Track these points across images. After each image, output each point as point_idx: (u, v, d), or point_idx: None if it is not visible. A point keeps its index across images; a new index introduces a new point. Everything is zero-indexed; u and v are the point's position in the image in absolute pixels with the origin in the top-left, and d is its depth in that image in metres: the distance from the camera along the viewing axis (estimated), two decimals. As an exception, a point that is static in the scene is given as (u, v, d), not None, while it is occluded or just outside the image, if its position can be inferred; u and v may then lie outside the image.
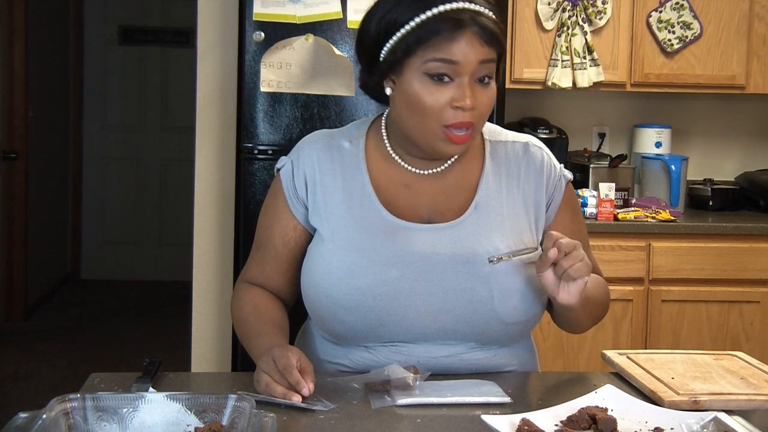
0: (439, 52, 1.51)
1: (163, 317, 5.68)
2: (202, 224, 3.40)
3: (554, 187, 1.69)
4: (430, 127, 1.54)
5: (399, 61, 1.54)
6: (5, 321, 5.38)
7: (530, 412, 1.36)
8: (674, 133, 3.77)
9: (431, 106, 1.52)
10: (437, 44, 1.50)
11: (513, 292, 1.59)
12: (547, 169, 1.69)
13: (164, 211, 6.69)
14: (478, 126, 1.56)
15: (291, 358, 1.44)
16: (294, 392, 1.42)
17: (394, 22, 1.54)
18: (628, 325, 3.29)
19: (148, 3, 6.59)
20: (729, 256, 3.30)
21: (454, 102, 1.52)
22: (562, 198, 1.70)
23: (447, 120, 1.53)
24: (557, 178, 1.70)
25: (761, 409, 1.45)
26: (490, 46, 1.53)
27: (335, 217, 1.63)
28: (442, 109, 1.52)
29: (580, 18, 3.44)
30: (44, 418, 1.18)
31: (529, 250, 1.61)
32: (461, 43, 1.50)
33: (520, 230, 1.64)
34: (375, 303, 1.57)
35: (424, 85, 1.52)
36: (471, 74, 1.52)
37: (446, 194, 1.64)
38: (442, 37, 1.50)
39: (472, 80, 1.52)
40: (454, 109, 1.52)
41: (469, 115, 1.52)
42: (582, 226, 1.76)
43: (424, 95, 1.52)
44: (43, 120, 5.79)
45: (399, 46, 1.54)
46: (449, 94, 1.52)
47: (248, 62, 2.96)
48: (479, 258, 1.58)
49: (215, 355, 3.42)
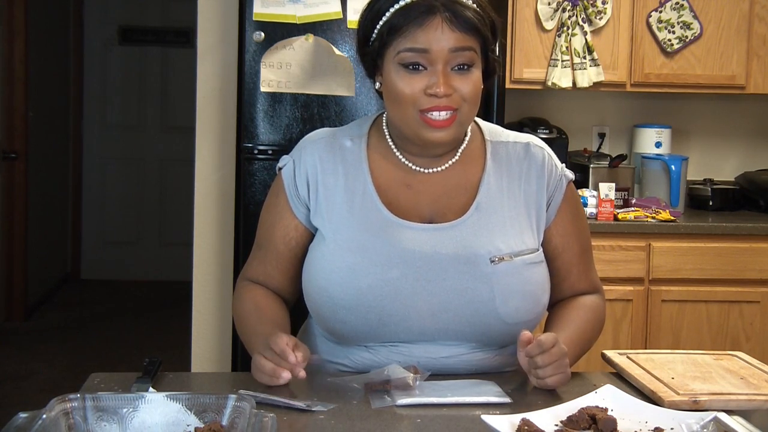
0: (410, 41, 1.54)
1: (163, 317, 5.68)
2: (202, 224, 3.40)
3: (555, 187, 1.69)
4: (410, 115, 1.57)
5: (379, 52, 1.58)
6: (5, 321, 5.38)
7: (530, 412, 1.36)
8: (674, 133, 3.76)
9: (407, 95, 1.55)
10: (408, 32, 1.54)
11: (514, 292, 1.58)
12: (549, 169, 1.68)
13: (164, 211, 6.69)
14: (462, 111, 1.57)
15: (283, 340, 1.47)
16: (283, 368, 1.46)
17: (376, 14, 1.58)
18: (628, 325, 3.29)
19: (148, 3, 6.59)
20: (729, 256, 3.30)
21: (427, 89, 1.54)
22: (562, 198, 1.69)
23: (422, 105, 1.55)
24: (558, 177, 1.69)
25: (761, 409, 1.45)
26: (464, 33, 1.54)
27: (337, 217, 1.63)
28: (417, 96, 1.55)
29: (580, 18, 3.44)
30: (44, 418, 1.18)
31: (530, 251, 1.61)
32: (429, 29, 1.53)
33: (522, 230, 1.64)
34: (376, 303, 1.57)
35: (399, 74, 1.56)
36: (444, 62, 1.54)
37: (448, 194, 1.64)
38: (412, 24, 1.53)
39: (446, 68, 1.54)
40: (428, 96, 1.54)
41: (445, 101, 1.54)
42: (583, 228, 1.74)
43: (400, 84, 1.55)
44: (43, 120, 5.79)
45: (377, 37, 1.58)
46: (424, 82, 1.54)
47: (248, 62, 2.96)
48: (480, 258, 1.58)
49: (215, 355, 3.42)
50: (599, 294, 1.75)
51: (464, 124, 1.61)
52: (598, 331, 1.73)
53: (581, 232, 1.72)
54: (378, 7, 1.58)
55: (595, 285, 1.74)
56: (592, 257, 1.75)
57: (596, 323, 1.71)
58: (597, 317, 1.72)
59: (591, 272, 1.74)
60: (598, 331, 1.72)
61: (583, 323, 1.67)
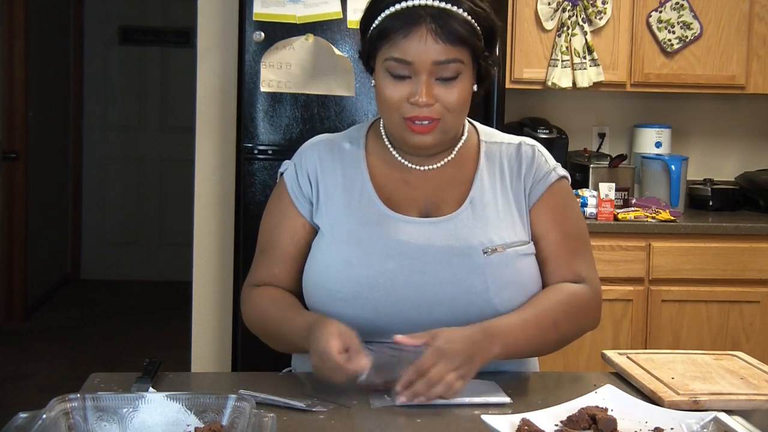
0: (395, 50, 1.56)
1: (163, 317, 5.68)
2: (202, 224, 3.40)
3: (541, 178, 1.69)
4: (394, 119, 1.61)
5: (371, 55, 1.63)
6: (5, 321, 5.38)
7: (530, 412, 1.36)
8: (674, 133, 3.76)
9: (393, 101, 1.59)
10: (394, 41, 1.56)
11: (507, 283, 1.60)
12: (537, 164, 1.71)
13: (164, 211, 6.69)
14: (445, 121, 1.59)
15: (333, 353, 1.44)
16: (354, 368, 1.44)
17: (371, 15, 1.62)
18: (628, 325, 3.29)
19: (148, 3, 6.59)
20: (729, 256, 3.30)
21: (410, 97, 1.57)
22: (546, 188, 1.69)
23: (405, 113, 1.59)
24: (546, 171, 1.70)
25: (761, 409, 1.44)
26: (450, 45, 1.55)
27: (335, 213, 1.66)
28: (401, 103, 1.58)
29: (580, 18, 3.44)
30: (44, 418, 1.18)
31: (522, 243, 1.64)
32: (413, 40, 1.55)
33: (513, 223, 1.66)
34: (372, 294, 1.58)
35: (386, 80, 1.59)
36: (428, 73, 1.56)
37: (443, 189, 1.68)
38: (398, 33, 1.56)
39: (430, 78, 1.56)
40: (410, 104, 1.57)
41: (426, 111, 1.57)
42: (566, 219, 1.70)
43: (386, 90, 1.59)
44: (43, 120, 5.79)
45: (368, 40, 1.62)
46: (407, 90, 1.57)
47: (248, 62, 2.96)
48: (474, 250, 1.61)
49: (215, 355, 3.42)
50: (585, 285, 1.68)
51: (448, 131, 1.63)
52: (577, 318, 1.66)
53: (564, 222, 1.69)
54: (373, 8, 1.62)
55: (579, 275, 1.68)
56: (582, 250, 1.70)
57: (571, 308, 1.64)
58: (574, 302, 1.65)
59: (575, 263, 1.68)
60: (575, 316, 1.65)
61: (546, 307, 1.62)
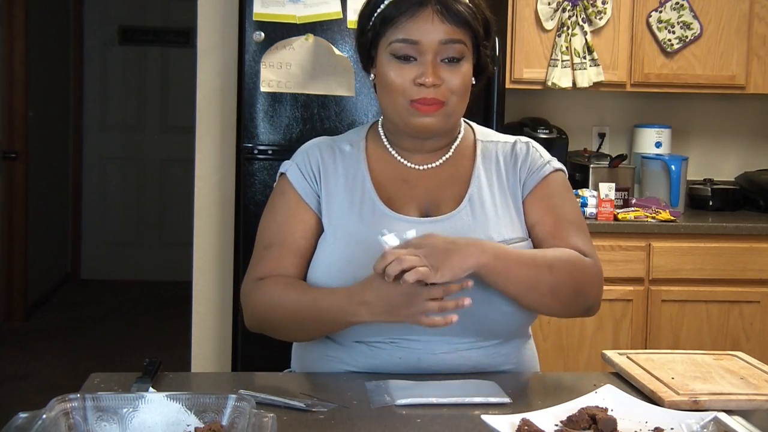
0: (401, 32, 1.60)
1: (163, 317, 5.68)
2: (202, 224, 3.39)
3: (534, 171, 1.72)
4: (399, 103, 1.63)
5: (372, 43, 1.65)
6: (5, 321, 5.38)
7: (530, 412, 1.36)
8: (674, 133, 3.76)
9: (398, 84, 1.61)
10: (400, 24, 1.60)
11: None
12: (531, 158, 1.73)
13: (164, 211, 6.69)
14: (449, 103, 1.62)
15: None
16: None
17: (372, 7, 1.65)
18: (628, 325, 3.29)
19: (148, 3, 6.59)
20: (729, 256, 3.30)
21: (416, 79, 1.60)
22: (541, 178, 1.71)
23: (412, 95, 1.61)
24: (540, 164, 1.72)
25: (761, 409, 1.44)
26: (454, 26, 1.60)
27: (336, 213, 1.67)
28: (407, 85, 1.61)
29: (580, 18, 3.44)
30: (44, 418, 1.18)
31: (520, 239, 1.66)
32: (420, 21, 1.59)
33: (511, 220, 1.68)
34: None
35: (391, 64, 1.62)
36: (434, 53, 1.60)
37: (441, 187, 1.70)
38: (404, 15, 1.60)
39: (436, 59, 1.60)
40: (417, 86, 1.60)
41: (432, 92, 1.60)
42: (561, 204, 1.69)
43: (391, 74, 1.62)
44: (43, 120, 5.79)
45: (371, 28, 1.64)
46: (414, 72, 1.60)
47: (248, 62, 2.96)
48: None
49: (215, 355, 3.42)
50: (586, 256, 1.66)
51: (452, 115, 1.65)
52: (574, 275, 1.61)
53: (559, 207, 1.69)
54: (372, 3, 1.65)
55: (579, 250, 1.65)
56: (581, 233, 1.68)
57: (569, 263, 1.61)
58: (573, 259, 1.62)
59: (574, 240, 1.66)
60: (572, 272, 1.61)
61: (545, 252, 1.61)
